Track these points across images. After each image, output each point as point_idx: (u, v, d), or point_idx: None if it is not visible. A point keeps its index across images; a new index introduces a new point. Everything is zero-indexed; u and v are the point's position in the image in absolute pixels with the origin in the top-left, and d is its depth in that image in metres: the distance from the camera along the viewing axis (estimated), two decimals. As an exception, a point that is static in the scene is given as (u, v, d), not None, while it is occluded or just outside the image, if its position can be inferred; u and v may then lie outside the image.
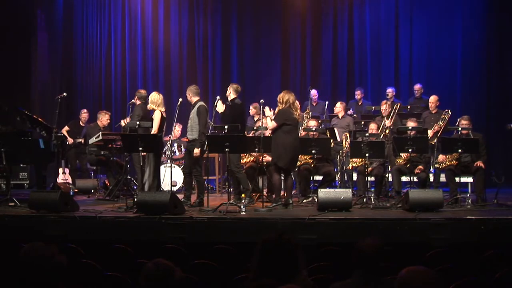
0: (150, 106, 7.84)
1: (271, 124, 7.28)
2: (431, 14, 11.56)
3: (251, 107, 9.29)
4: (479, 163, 7.69)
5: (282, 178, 7.53)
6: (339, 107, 9.63)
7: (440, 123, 8.65)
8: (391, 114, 8.82)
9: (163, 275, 2.46)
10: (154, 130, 7.61)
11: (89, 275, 4.18)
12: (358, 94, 10.68)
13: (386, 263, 3.20)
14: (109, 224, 6.51)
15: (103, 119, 9.57)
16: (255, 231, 6.17)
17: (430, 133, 8.54)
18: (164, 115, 7.84)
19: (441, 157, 7.88)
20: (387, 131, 8.52)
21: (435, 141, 8.29)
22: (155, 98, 7.82)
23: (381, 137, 8.40)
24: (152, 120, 7.77)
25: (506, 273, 3.96)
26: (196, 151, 7.49)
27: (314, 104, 10.63)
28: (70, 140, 9.70)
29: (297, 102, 7.53)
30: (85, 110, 10.35)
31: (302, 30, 12.10)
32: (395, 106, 8.99)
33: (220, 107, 7.73)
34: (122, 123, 8.59)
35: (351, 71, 11.90)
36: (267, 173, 7.73)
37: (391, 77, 11.58)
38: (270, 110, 7.49)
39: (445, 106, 9.57)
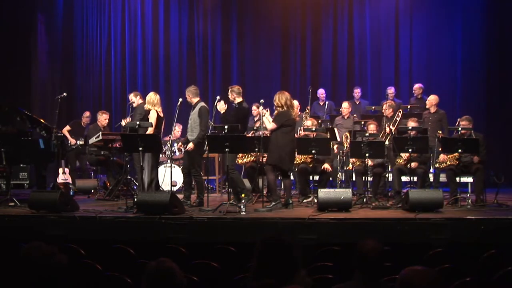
0: (146, 106, 7.86)
1: (270, 126, 7.28)
2: (431, 14, 11.57)
3: (254, 107, 9.27)
4: (476, 159, 7.68)
5: (280, 178, 7.54)
6: (347, 108, 9.60)
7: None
8: (395, 120, 8.76)
9: (165, 275, 2.46)
10: (151, 130, 7.62)
11: (89, 275, 4.18)
12: (356, 93, 10.66)
13: (386, 263, 3.21)
14: (109, 224, 6.51)
15: (101, 118, 9.59)
16: (255, 231, 6.17)
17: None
18: (161, 114, 7.86)
19: (442, 156, 7.88)
20: (389, 138, 8.42)
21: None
22: (151, 98, 7.84)
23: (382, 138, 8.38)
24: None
25: (506, 273, 3.96)
26: (191, 145, 7.49)
27: (321, 104, 10.63)
28: (72, 141, 9.67)
29: (293, 101, 7.51)
30: (88, 114, 10.33)
31: (302, 30, 12.11)
32: (398, 112, 8.92)
33: (222, 106, 7.72)
34: (123, 122, 8.59)
35: (351, 71, 11.91)
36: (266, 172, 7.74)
37: (391, 77, 11.59)
38: (267, 110, 7.49)
39: (445, 106, 9.59)
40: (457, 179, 7.78)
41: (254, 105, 9.24)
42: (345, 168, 8.86)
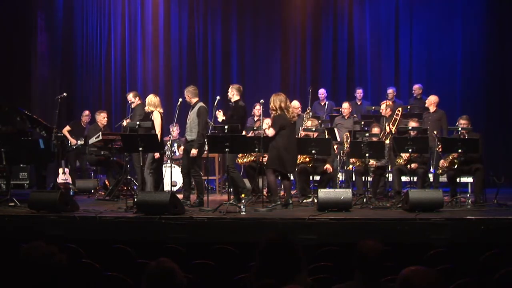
0: (148, 108, 7.87)
1: (270, 132, 7.25)
2: (431, 14, 11.56)
3: (257, 107, 9.23)
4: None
5: (280, 178, 7.54)
6: (348, 108, 9.60)
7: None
8: (394, 119, 8.78)
9: (165, 275, 2.46)
10: (159, 131, 7.66)
11: (89, 275, 4.18)
12: (358, 93, 10.66)
13: (386, 263, 3.21)
14: (109, 224, 6.51)
15: (100, 118, 9.60)
16: (255, 231, 6.17)
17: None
18: (162, 115, 7.88)
19: (441, 163, 7.86)
20: (389, 138, 8.43)
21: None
22: (152, 100, 7.86)
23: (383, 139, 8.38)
24: (151, 120, 7.80)
25: (506, 273, 3.96)
26: (194, 151, 7.51)
27: (322, 104, 10.63)
28: (72, 141, 9.65)
29: (288, 102, 7.49)
30: (87, 112, 10.32)
31: (302, 30, 12.10)
32: (397, 111, 8.92)
33: (220, 117, 7.73)
34: (124, 123, 8.61)
35: (351, 71, 11.91)
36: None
37: (391, 77, 11.59)
38: (268, 126, 7.50)
39: (445, 106, 9.59)
40: (457, 179, 7.78)
41: (257, 105, 9.22)
42: (345, 168, 8.86)
